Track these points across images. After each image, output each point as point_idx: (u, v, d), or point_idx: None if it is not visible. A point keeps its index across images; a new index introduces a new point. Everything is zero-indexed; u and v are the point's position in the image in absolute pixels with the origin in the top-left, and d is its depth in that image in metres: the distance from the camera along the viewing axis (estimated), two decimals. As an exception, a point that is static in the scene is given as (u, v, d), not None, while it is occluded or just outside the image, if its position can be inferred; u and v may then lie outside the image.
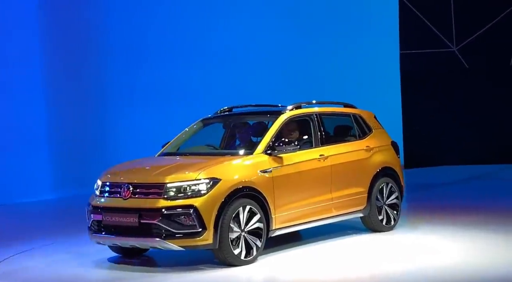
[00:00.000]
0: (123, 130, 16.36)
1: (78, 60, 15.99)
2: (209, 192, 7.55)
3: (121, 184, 7.81)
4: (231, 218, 7.60)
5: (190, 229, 7.43)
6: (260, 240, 7.88)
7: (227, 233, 7.55)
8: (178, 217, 7.43)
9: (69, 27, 15.92)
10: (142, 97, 16.69)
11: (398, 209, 9.66)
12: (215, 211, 7.51)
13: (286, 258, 8.17)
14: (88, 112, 16.09)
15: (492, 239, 8.82)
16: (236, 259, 7.69)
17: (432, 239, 8.96)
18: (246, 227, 7.76)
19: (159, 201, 7.51)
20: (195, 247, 7.56)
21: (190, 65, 17.13)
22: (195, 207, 7.44)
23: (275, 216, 8.10)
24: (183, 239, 7.45)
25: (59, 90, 15.67)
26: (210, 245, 7.53)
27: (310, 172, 8.62)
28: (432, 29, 17.66)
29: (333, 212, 8.88)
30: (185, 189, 7.54)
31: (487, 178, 15.77)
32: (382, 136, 9.82)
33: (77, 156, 15.69)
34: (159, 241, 7.47)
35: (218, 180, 7.63)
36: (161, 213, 7.44)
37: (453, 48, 17.62)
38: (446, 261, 7.74)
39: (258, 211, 7.88)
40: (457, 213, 10.85)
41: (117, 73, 16.48)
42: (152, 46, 16.97)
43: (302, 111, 9.00)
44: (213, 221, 7.48)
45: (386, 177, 9.53)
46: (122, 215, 7.64)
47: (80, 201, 13.83)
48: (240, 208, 7.70)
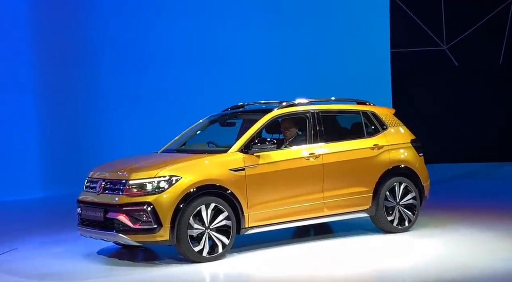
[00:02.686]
0: (113, 129, 16.37)
1: (69, 59, 16.01)
2: (167, 189, 7.72)
3: (97, 180, 8.19)
4: (190, 215, 7.74)
5: (146, 225, 7.62)
6: (228, 238, 7.97)
7: (186, 230, 7.69)
8: (135, 213, 7.65)
9: (60, 25, 15.93)
10: (133, 96, 16.65)
11: (415, 210, 9.34)
12: (172, 208, 7.67)
13: (258, 256, 8.20)
14: (78, 110, 16.11)
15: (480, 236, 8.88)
16: (197, 256, 7.81)
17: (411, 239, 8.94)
18: (212, 224, 7.87)
19: (121, 197, 7.78)
20: (152, 243, 7.82)
21: (182, 65, 17.09)
22: (150, 204, 7.63)
23: (249, 214, 8.16)
24: (140, 234, 7.68)
25: (49, 89, 15.74)
26: (167, 241, 7.71)
27: (295, 171, 8.53)
28: (423, 27, 17.73)
29: (325, 211, 8.72)
30: (145, 186, 7.75)
31: (477, 176, 15.80)
32: (400, 134, 9.53)
33: (67, 154, 15.74)
34: (118, 235, 7.75)
35: (178, 178, 7.80)
36: (121, 209, 7.70)
37: (443, 47, 17.68)
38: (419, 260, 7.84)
39: (226, 208, 7.97)
40: (444, 212, 10.77)
41: (109, 72, 16.49)
42: (144, 46, 16.91)
43: (295, 109, 8.92)
44: (170, 218, 7.65)
45: (399, 176, 9.25)
46: (93, 209, 8.04)
47: (69, 199, 14.02)
48: (202, 206, 7.82)
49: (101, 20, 16.51)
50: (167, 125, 16.18)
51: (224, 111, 9.72)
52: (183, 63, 17.11)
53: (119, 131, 16.36)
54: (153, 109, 16.76)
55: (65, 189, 14.76)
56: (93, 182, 8.25)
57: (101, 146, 16.20)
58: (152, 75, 16.90)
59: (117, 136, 16.31)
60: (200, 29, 17.28)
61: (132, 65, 16.71)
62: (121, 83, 16.62)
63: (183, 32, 17.14)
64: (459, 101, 17.57)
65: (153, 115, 16.67)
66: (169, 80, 16.96)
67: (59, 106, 15.85)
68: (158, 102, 16.81)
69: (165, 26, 17.00)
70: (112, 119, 16.51)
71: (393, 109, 9.96)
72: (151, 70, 16.90)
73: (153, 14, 16.98)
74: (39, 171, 15.52)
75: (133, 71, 16.72)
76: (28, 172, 15.27)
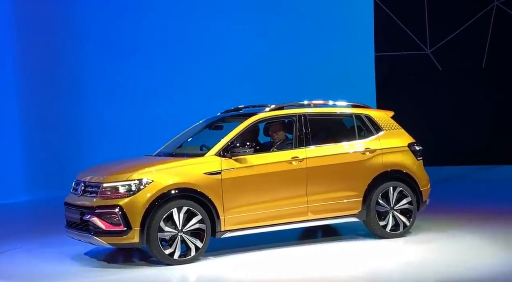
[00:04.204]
0: (97, 131, 16.37)
1: (52, 60, 15.95)
2: (137, 192, 7.86)
3: (80, 182, 8.38)
4: (161, 218, 7.86)
5: (116, 227, 7.79)
6: (202, 241, 8.05)
7: (156, 233, 7.82)
8: (107, 215, 7.82)
9: (43, 24, 15.85)
10: (118, 98, 16.60)
11: (411, 215, 9.17)
12: (141, 211, 7.81)
13: (234, 260, 8.22)
14: (62, 112, 16.06)
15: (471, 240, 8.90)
16: (168, 259, 7.93)
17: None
18: (185, 227, 7.96)
19: (95, 200, 7.96)
20: (123, 245, 7.98)
21: (168, 63, 17.09)
22: (120, 207, 7.80)
23: (225, 218, 8.21)
24: (111, 236, 7.85)
25: (32, 90, 15.68)
26: (137, 244, 7.87)
27: (276, 174, 8.50)
28: (407, 32, 17.87)
29: (309, 215, 8.67)
30: (118, 189, 7.91)
31: (460, 180, 15.90)
32: (396, 137, 9.41)
33: (50, 157, 15.75)
34: (91, 237, 7.94)
35: (149, 181, 7.92)
36: (94, 211, 7.89)
37: (426, 51, 17.82)
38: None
39: (200, 212, 8.05)
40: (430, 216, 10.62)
41: (93, 72, 16.45)
42: (129, 43, 16.83)
43: (280, 113, 8.90)
44: (140, 221, 7.79)
45: (393, 181, 9.12)
46: (73, 211, 8.23)
47: (52, 203, 14.04)
48: (174, 209, 7.93)
49: (87, 19, 16.46)
50: (153, 129, 16.32)
51: (221, 114, 9.62)
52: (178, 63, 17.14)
53: (103, 134, 16.35)
54: (142, 111, 16.74)
55: (49, 193, 14.85)
56: (77, 184, 8.44)
57: (85, 149, 16.20)
58: (138, 77, 16.90)
59: (100, 140, 16.31)
60: (188, 30, 17.31)
61: (118, 66, 16.68)
62: (106, 86, 16.58)
63: (172, 33, 17.16)
64: (443, 105, 17.70)
65: (141, 118, 16.67)
66: (156, 82, 16.99)
67: (42, 109, 15.79)
68: (143, 105, 16.80)
69: (154, 27, 17.03)
70: (96, 122, 16.47)
71: (391, 112, 9.79)
72: (138, 72, 16.89)
73: (141, 14, 16.98)
74: (23, 175, 15.49)
75: (119, 72, 16.68)
76: (11, 175, 15.22)
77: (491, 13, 17.52)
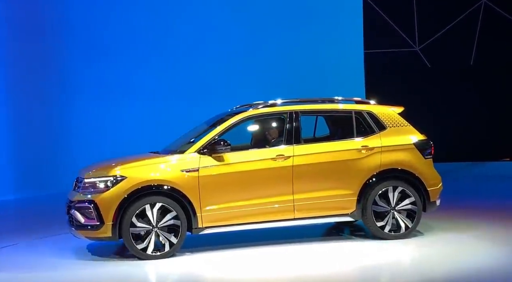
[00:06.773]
0: (86, 130, 16.37)
1: (40, 59, 15.96)
2: (111, 188, 8.08)
3: (77, 178, 8.68)
4: (133, 214, 8.03)
5: (91, 222, 8.08)
6: (177, 237, 8.13)
7: (128, 228, 8.00)
8: (84, 210, 8.14)
9: (30, 23, 15.86)
10: (107, 97, 16.55)
11: (414, 216, 8.77)
12: (113, 206, 8.01)
13: (211, 257, 8.24)
14: (50, 111, 16.09)
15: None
16: (141, 253, 8.08)
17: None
18: (159, 223, 8.06)
19: (77, 195, 8.32)
20: (97, 239, 8.27)
21: (158, 61, 17.06)
22: (94, 202, 8.08)
23: (202, 215, 8.23)
24: (87, 230, 8.15)
25: (20, 90, 15.72)
26: (110, 238, 8.09)
27: (258, 172, 8.40)
28: (396, 29, 17.93)
29: (296, 214, 8.48)
30: (96, 185, 8.17)
31: (454, 176, 15.90)
32: (401, 135, 9.01)
33: (39, 156, 15.77)
34: (74, 231, 8.31)
35: (123, 178, 8.11)
36: (75, 205, 8.23)
37: (415, 48, 17.88)
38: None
39: (175, 208, 8.12)
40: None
41: (82, 72, 16.46)
42: (118, 43, 16.81)
43: (270, 110, 8.80)
44: (112, 216, 8.00)
45: (394, 180, 8.76)
46: (68, 206, 8.50)
47: (41, 201, 14.10)
48: (147, 205, 8.05)
49: (80, 16, 16.45)
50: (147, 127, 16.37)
51: (236, 109, 9.34)
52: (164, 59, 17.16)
53: (91, 134, 16.36)
54: (131, 110, 16.72)
55: (38, 191, 14.93)
56: (75, 179, 8.69)
57: (73, 148, 16.20)
58: (130, 74, 16.87)
59: (89, 139, 16.32)
60: (187, 30, 17.33)
61: (107, 66, 16.66)
62: (95, 85, 16.58)
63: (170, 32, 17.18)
64: (431, 102, 17.75)
65: (130, 117, 16.67)
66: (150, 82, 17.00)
67: (30, 108, 15.83)
68: (134, 102, 16.80)
69: (151, 26, 17.06)
70: (85, 121, 16.46)
71: (401, 107, 9.34)
72: (131, 71, 16.86)
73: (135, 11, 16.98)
74: (11, 173, 15.54)
75: (109, 72, 16.65)
76: (0, 173, 15.29)
77: (480, 10, 17.59)
